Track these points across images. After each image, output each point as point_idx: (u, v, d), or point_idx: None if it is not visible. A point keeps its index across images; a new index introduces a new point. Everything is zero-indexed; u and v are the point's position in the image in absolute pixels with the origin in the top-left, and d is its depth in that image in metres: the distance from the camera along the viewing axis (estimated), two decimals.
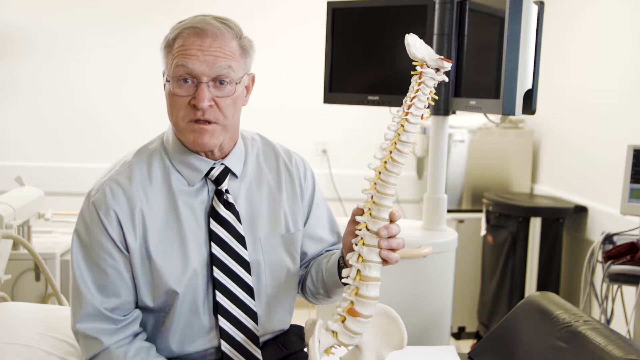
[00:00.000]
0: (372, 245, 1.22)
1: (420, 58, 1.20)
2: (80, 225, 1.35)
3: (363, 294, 1.21)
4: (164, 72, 1.35)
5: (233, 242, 1.38)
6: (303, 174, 1.53)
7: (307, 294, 1.57)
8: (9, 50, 3.80)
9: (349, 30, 2.50)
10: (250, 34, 1.42)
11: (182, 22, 1.34)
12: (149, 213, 1.33)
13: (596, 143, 3.11)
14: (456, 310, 2.99)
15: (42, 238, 2.75)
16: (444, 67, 1.21)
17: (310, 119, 3.95)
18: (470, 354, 1.80)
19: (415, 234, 2.42)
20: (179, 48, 1.30)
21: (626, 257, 2.31)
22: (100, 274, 1.32)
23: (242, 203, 1.42)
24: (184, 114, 1.31)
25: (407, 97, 1.21)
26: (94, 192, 1.35)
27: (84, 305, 1.32)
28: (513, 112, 1.95)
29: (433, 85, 1.21)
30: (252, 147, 1.49)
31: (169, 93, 1.32)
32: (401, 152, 1.20)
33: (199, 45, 1.29)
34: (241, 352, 1.39)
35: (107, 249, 1.32)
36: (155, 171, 1.37)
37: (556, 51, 3.37)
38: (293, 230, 1.47)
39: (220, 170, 1.39)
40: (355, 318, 1.22)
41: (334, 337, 1.23)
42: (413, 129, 1.20)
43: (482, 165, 3.61)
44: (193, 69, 1.29)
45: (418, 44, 1.21)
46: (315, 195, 1.55)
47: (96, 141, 3.81)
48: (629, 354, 1.36)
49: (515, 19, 1.91)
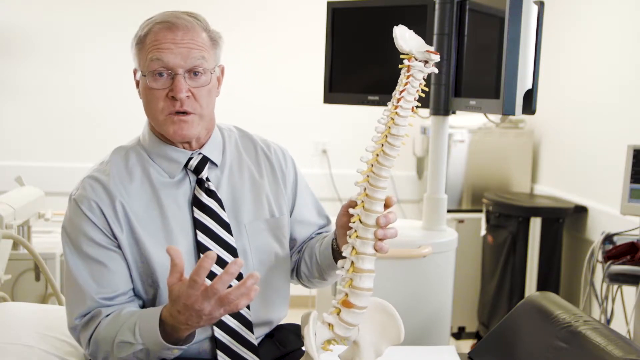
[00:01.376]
0: (365, 238, 1.23)
1: (408, 50, 1.20)
2: (66, 223, 1.37)
3: (357, 285, 1.22)
4: (136, 69, 1.38)
5: (218, 229, 1.39)
6: (283, 161, 1.55)
7: (302, 279, 1.59)
8: (9, 50, 3.80)
9: (349, 30, 2.50)
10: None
11: (152, 18, 1.37)
12: (130, 207, 1.35)
13: (596, 143, 3.11)
14: (456, 310, 2.99)
15: (42, 238, 2.75)
16: (431, 60, 1.21)
17: (310, 119, 3.95)
18: (470, 354, 1.80)
19: (415, 234, 2.42)
20: (152, 43, 1.33)
21: (626, 257, 2.31)
22: (95, 266, 1.33)
23: (224, 190, 1.44)
24: (162, 107, 1.34)
25: (396, 91, 1.22)
26: (74, 191, 1.38)
27: (84, 299, 1.32)
28: (513, 112, 1.95)
29: (422, 77, 1.21)
30: (230, 137, 1.51)
31: (145, 88, 1.35)
32: (392, 145, 1.21)
33: (171, 38, 1.32)
34: (236, 338, 1.39)
35: (96, 240, 1.33)
36: (133, 167, 1.40)
37: (556, 51, 3.37)
38: (278, 215, 1.49)
39: (198, 159, 1.41)
40: (349, 309, 1.23)
41: (330, 330, 1.24)
42: (403, 122, 1.20)
43: (482, 165, 3.61)
44: (168, 62, 1.31)
45: (407, 35, 1.21)
46: (299, 181, 1.58)
47: (96, 141, 3.80)
48: (629, 354, 1.36)
49: (515, 19, 1.91)
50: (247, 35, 3.82)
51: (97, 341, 1.30)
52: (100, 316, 1.31)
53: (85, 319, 1.33)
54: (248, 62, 3.83)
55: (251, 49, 3.84)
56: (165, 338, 1.24)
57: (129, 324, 1.28)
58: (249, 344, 1.40)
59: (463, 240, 2.89)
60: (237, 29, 3.78)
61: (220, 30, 1.45)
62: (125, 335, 1.27)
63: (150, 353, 1.27)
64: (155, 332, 1.24)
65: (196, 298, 1.13)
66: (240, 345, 1.39)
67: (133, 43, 1.37)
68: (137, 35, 1.37)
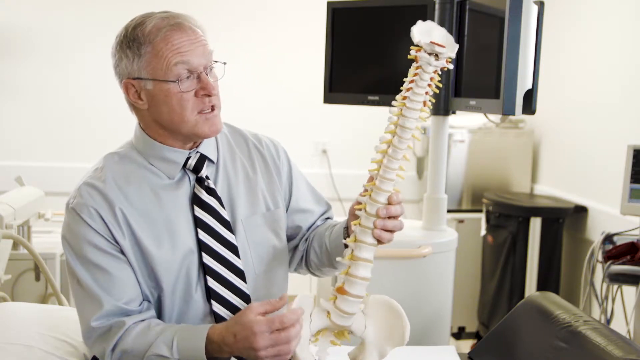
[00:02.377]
0: (366, 227, 1.24)
1: (417, 41, 1.19)
2: (66, 233, 1.35)
3: (352, 273, 1.23)
4: (144, 77, 1.32)
5: (218, 227, 1.39)
6: (275, 153, 1.55)
7: (312, 267, 1.59)
8: (9, 50, 3.80)
9: (349, 30, 2.50)
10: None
11: (149, 23, 1.32)
12: (130, 211, 1.34)
13: (596, 143, 3.11)
14: (456, 310, 2.99)
15: (42, 238, 2.75)
16: (437, 52, 1.19)
17: (310, 119, 3.95)
18: (470, 354, 1.80)
19: (415, 234, 2.42)
20: (169, 48, 1.30)
21: (626, 257, 2.31)
22: (101, 273, 1.32)
23: (220, 187, 1.44)
24: (192, 107, 1.33)
25: (405, 81, 1.22)
26: (71, 200, 1.36)
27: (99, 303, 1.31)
28: (513, 112, 1.95)
29: (432, 71, 1.20)
30: (221, 134, 1.51)
31: (171, 94, 1.31)
32: (401, 138, 1.21)
33: (187, 39, 1.31)
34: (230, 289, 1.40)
35: (100, 247, 1.32)
36: (130, 172, 1.38)
37: (556, 51, 3.37)
38: (273, 208, 1.49)
39: (196, 158, 1.41)
40: (344, 296, 1.24)
41: (327, 318, 1.24)
42: (412, 115, 1.20)
43: (482, 165, 3.61)
44: (193, 63, 1.31)
45: (424, 27, 1.20)
46: (293, 171, 1.58)
47: (96, 141, 3.80)
48: (629, 354, 1.36)
49: (515, 19, 1.91)
50: (247, 35, 3.82)
51: (125, 351, 1.29)
52: (124, 326, 1.30)
53: (104, 327, 1.31)
54: (248, 62, 3.83)
55: (251, 48, 3.84)
56: None
57: (165, 338, 1.28)
58: (243, 295, 1.41)
59: (463, 240, 2.89)
60: (237, 29, 3.78)
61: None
62: (160, 348, 1.27)
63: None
64: (199, 350, 1.26)
65: (260, 325, 1.20)
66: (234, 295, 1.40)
67: (132, 55, 1.32)
68: (135, 43, 1.31)
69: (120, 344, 1.30)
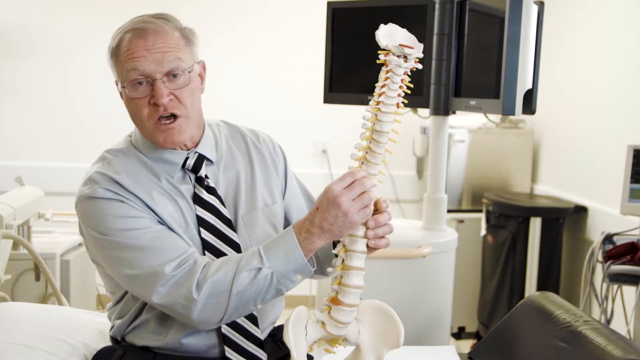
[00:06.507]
0: (355, 236, 1.23)
1: (384, 45, 1.20)
2: (90, 225, 1.33)
3: (345, 282, 1.23)
4: (117, 81, 1.36)
5: (220, 225, 1.40)
6: (273, 149, 1.56)
7: None
8: (9, 50, 3.80)
9: (349, 30, 2.50)
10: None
11: (121, 27, 1.36)
12: (146, 198, 1.34)
13: (596, 143, 3.11)
14: (456, 310, 2.99)
15: (42, 238, 2.75)
16: (406, 54, 1.19)
17: (310, 118, 3.95)
18: (470, 354, 1.80)
19: (415, 234, 2.42)
20: (125, 53, 1.32)
21: (626, 257, 2.31)
22: (152, 232, 1.31)
23: (221, 186, 1.44)
24: (147, 115, 1.33)
25: (377, 86, 1.22)
26: (85, 190, 1.34)
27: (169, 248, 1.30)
28: (513, 112, 1.95)
29: (403, 73, 1.21)
30: (220, 132, 1.51)
31: (127, 99, 1.34)
32: (378, 142, 1.21)
33: (143, 45, 1.31)
34: (242, 333, 1.40)
35: (134, 215, 1.31)
36: (136, 164, 1.38)
37: (556, 51, 3.37)
38: (271, 203, 1.49)
39: (195, 158, 1.41)
40: (338, 307, 1.23)
41: (322, 328, 1.24)
42: (387, 119, 1.21)
43: (482, 165, 3.61)
44: (144, 70, 1.31)
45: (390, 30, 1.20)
46: (287, 168, 1.59)
47: (96, 141, 3.79)
48: (629, 354, 1.36)
49: (515, 19, 1.91)
50: (247, 35, 3.82)
51: (213, 281, 1.26)
52: (203, 262, 1.29)
53: (181, 269, 1.28)
54: (248, 62, 3.83)
55: (251, 48, 3.84)
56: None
57: (249, 253, 1.27)
58: (255, 339, 1.41)
59: (463, 240, 2.89)
60: (237, 29, 3.78)
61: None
62: (251, 262, 1.25)
63: (273, 279, 1.25)
64: (291, 241, 1.24)
65: (336, 185, 1.21)
66: (247, 341, 1.40)
67: (108, 56, 1.36)
68: (109, 47, 1.36)
69: (205, 278, 1.26)
